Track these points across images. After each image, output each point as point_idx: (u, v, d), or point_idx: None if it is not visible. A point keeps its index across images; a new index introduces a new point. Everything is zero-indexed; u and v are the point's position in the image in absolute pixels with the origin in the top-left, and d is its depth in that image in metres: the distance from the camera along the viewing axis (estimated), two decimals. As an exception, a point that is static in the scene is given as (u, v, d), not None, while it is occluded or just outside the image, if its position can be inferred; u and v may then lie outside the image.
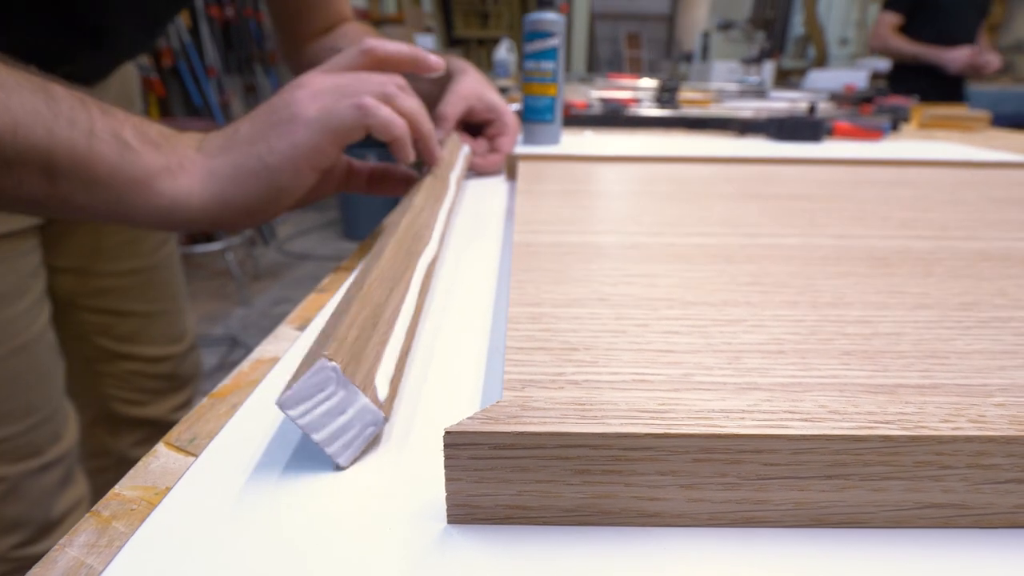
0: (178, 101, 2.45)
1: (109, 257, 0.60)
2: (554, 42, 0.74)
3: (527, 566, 0.14)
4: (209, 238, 2.28)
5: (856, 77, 1.97)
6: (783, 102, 1.26)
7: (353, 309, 0.19)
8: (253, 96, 2.95)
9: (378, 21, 3.26)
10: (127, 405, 0.65)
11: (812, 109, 0.96)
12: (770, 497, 0.14)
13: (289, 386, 0.16)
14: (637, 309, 0.22)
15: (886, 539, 0.14)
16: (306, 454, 0.18)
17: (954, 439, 0.14)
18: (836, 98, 1.36)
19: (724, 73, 1.93)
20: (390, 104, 0.33)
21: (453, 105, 0.53)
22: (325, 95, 0.32)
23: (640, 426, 0.14)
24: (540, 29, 0.72)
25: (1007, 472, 0.14)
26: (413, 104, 0.35)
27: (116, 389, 0.65)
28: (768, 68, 1.95)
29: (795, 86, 2.19)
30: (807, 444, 0.14)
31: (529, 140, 0.78)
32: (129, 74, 0.59)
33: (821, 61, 3.39)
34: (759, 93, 1.51)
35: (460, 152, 0.49)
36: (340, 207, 2.76)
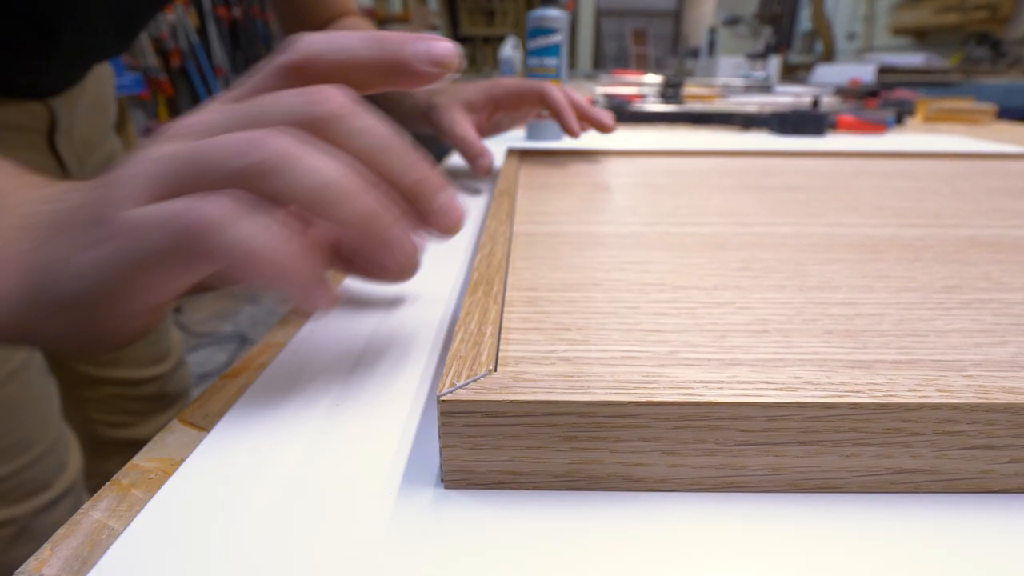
0: (186, 101, 2.48)
1: None
2: (557, 39, 0.75)
3: (519, 527, 0.15)
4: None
5: (863, 71, 1.97)
6: (788, 97, 1.26)
7: (489, 331, 0.18)
8: (260, 96, 2.96)
9: (384, 20, 3.28)
10: (112, 428, 0.62)
11: (816, 103, 0.96)
12: (747, 463, 0.15)
13: (452, 386, 0.15)
14: (629, 293, 0.23)
15: (859, 504, 0.15)
16: (307, 428, 0.19)
17: (920, 406, 0.14)
18: (841, 92, 1.35)
19: (730, 68, 1.93)
20: (302, 163, 0.16)
21: (461, 125, 0.48)
22: (164, 171, 0.17)
23: (624, 395, 0.15)
24: (543, 26, 0.73)
25: (973, 439, 0.15)
26: (368, 137, 0.18)
27: (100, 413, 0.61)
28: (774, 63, 1.95)
29: (802, 81, 2.19)
30: (781, 411, 0.14)
31: (533, 135, 0.78)
32: (104, 75, 0.55)
33: (828, 56, 3.37)
34: (764, 88, 1.51)
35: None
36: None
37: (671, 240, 0.29)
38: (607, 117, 0.51)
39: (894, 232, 0.31)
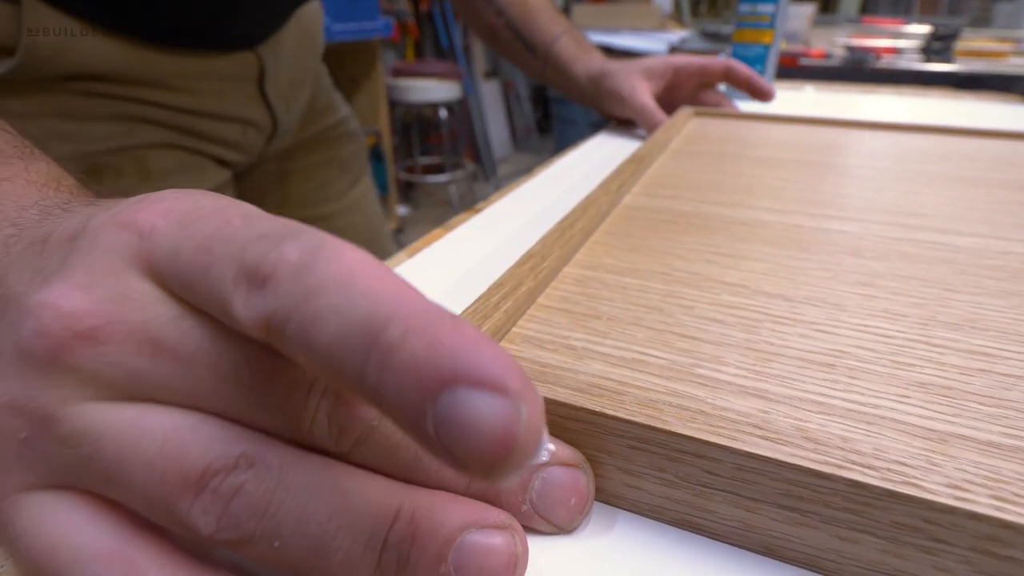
0: (430, 43, 2.73)
1: (297, 204, 0.55)
2: (777, -19, 0.64)
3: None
4: (440, 170, 2.56)
5: None
6: None
7: (506, 307, 0.18)
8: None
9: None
10: None
11: None
12: (714, 508, 0.13)
13: None
14: (695, 290, 0.20)
15: (855, 598, 0.12)
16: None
17: (953, 510, 0.11)
18: None
19: (1052, 14, 1.43)
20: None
21: (641, 92, 0.51)
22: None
23: (581, 399, 0.14)
24: (760, -34, 0.64)
25: (1035, 572, 0.11)
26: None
27: None
28: None
29: None
30: (751, 462, 0.12)
31: (729, 95, 0.70)
32: (309, 14, 0.51)
33: None
34: (1100, 42, 1.11)
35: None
36: (555, 151, 2.84)
37: (794, 235, 0.25)
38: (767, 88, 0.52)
39: None
